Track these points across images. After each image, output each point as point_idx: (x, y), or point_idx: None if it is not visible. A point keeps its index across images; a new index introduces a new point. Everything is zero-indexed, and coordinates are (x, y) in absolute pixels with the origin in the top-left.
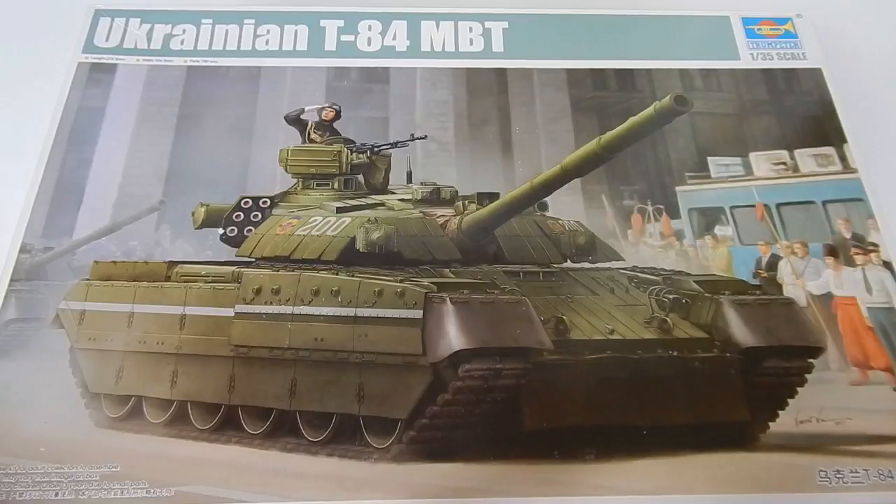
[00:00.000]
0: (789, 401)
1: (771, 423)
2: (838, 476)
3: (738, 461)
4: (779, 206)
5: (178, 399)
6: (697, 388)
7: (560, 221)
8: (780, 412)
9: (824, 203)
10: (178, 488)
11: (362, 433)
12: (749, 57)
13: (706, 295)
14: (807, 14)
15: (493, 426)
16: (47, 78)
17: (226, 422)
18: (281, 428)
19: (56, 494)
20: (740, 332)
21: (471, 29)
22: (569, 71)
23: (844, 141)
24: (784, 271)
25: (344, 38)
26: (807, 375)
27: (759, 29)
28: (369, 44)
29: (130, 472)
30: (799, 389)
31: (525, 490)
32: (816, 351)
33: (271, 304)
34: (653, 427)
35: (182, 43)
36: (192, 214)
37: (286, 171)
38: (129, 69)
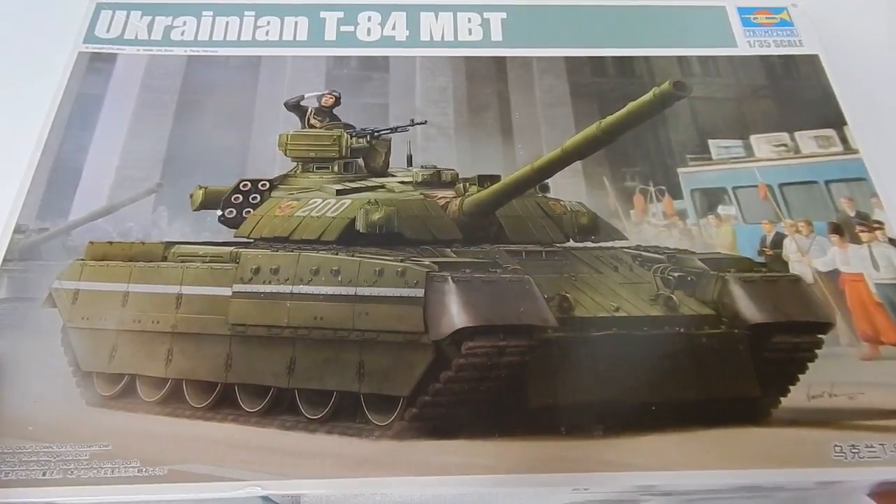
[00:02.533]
0: (800, 376)
1: (782, 399)
2: (853, 451)
3: (750, 436)
4: (781, 185)
5: (173, 377)
6: (706, 365)
7: (562, 202)
8: (791, 388)
9: (827, 183)
10: (171, 466)
11: (363, 410)
12: (746, 44)
13: (711, 272)
14: (801, 3)
15: (498, 403)
16: (48, 67)
17: (222, 400)
18: (279, 405)
19: (44, 474)
20: (747, 308)
21: (469, 19)
22: (567, 59)
23: (844, 123)
24: (789, 249)
25: (344, 28)
26: (817, 351)
27: (754, 18)
28: (369, 34)
29: (122, 451)
30: (809, 365)
31: (532, 466)
32: (825, 326)
33: (270, 283)
34: (662, 403)
35: (182, 34)
36: (191, 196)
37: (285, 154)
38: (130, 58)
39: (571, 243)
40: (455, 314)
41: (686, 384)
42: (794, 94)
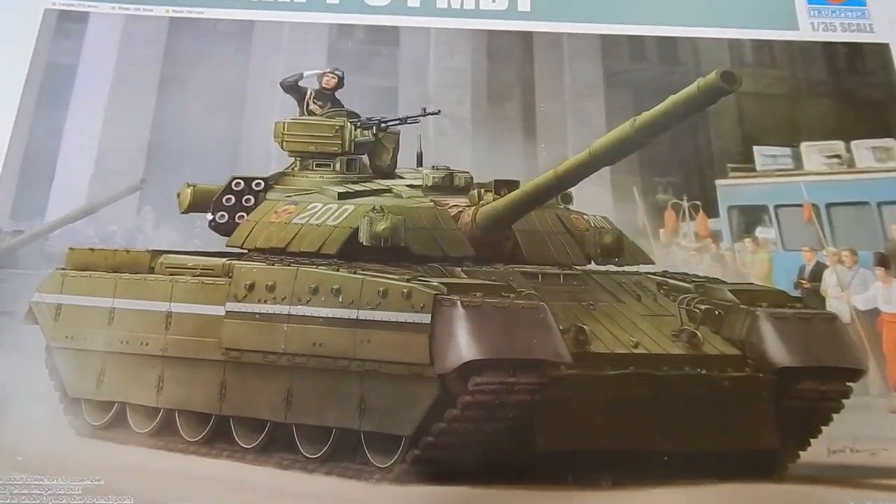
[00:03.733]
0: (822, 428)
1: (801, 452)
2: None
3: (765, 492)
4: (829, 206)
5: (165, 407)
6: (725, 412)
7: (585, 217)
8: (812, 440)
9: (879, 205)
10: None
11: (363, 450)
12: (809, 27)
13: (741, 307)
14: None
15: (504, 446)
16: (12, 28)
17: (216, 433)
18: (276, 442)
19: None
20: (776, 349)
21: None
22: (603, 37)
23: None
24: (829, 282)
25: None
26: (844, 400)
27: None
28: None
29: (115, 487)
30: (834, 416)
31: None
32: (856, 373)
33: (265, 302)
34: (675, 453)
35: None
36: (178, 196)
37: (282, 147)
38: (104, 18)
39: (592, 265)
40: (463, 345)
41: (703, 433)
42: (856, 93)
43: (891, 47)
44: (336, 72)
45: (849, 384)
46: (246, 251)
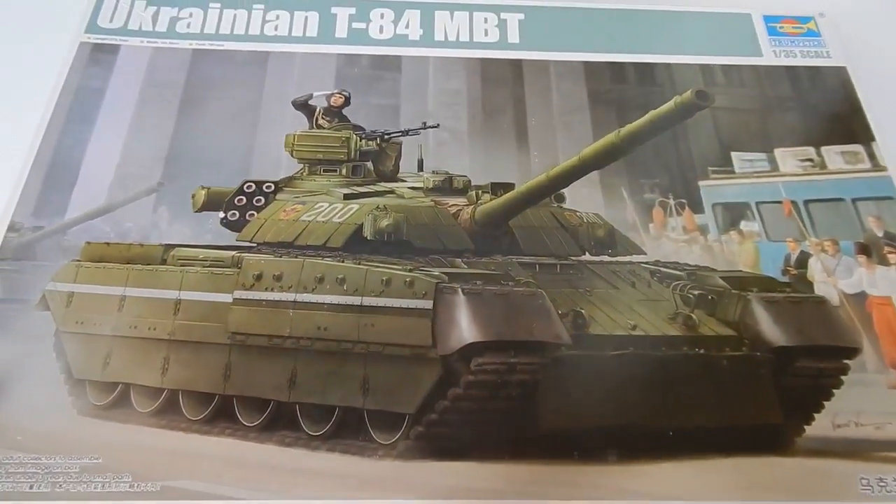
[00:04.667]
0: (825, 404)
1: (806, 427)
2: (881, 484)
3: (772, 466)
4: (807, 202)
5: (169, 387)
6: (726, 389)
7: (578, 213)
8: (816, 416)
9: (854, 200)
10: (164, 483)
11: (366, 428)
12: (772, 54)
13: (733, 291)
14: (829, 13)
15: (509, 423)
16: (48, 58)
17: (219, 412)
18: (278, 420)
19: (31, 487)
20: (770, 330)
21: (486, 20)
22: (586, 63)
23: (873, 139)
24: (815, 269)
25: (355, 25)
26: (842, 377)
27: (780, 27)
28: (381, 31)
29: (113, 465)
30: (835, 392)
31: (542, 492)
32: (852, 352)
33: (272, 290)
34: (679, 429)
35: (188, 26)
36: (192, 197)
37: (292, 156)
38: (133, 50)
39: (587, 256)
40: (465, 328)
41: (705, 409)
42: (821, 107)
43: (847, 69)
44: (343, 92)
45: (846, 361)
46: (255, 245)
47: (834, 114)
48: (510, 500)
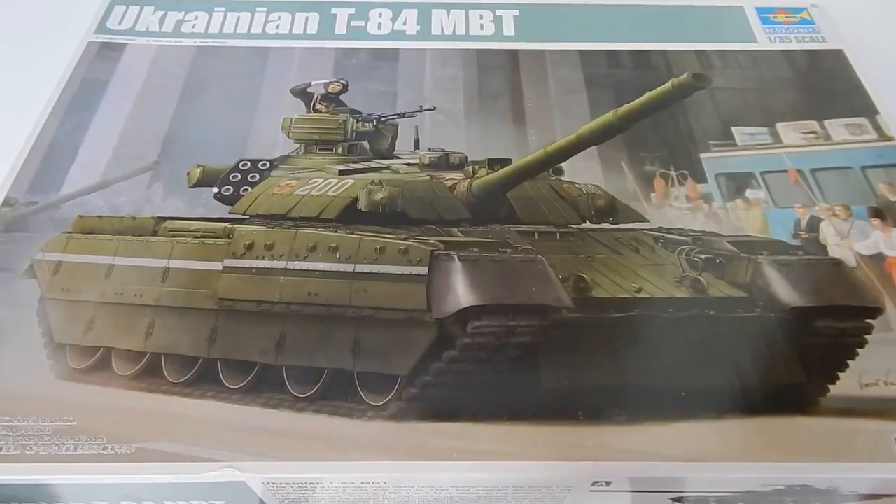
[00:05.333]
0: (850, 363)
1: (831, 387)
2: None
3: (798, 425)
4: (813, 171)
5: (152, 351)
6: (742, 349)
7: (577, 185)
8: (841, 375)
9: (863, 168)
10: (139, 444)
11: (356, 389)
12: (767, 40)
13: (742, 255)
14: (821, 3)
15: (508, 384)
16: (57, 54)
17: (202, 376)
18: (264, 383)
19: (1, 449)
20: (785, 292)
21: (481, 16)
22: (582, 52)
23: (877, 112)
24: (827, 232)
25: (354, 23)
26: (866, 337)
27: (774, 17)
28: (380, 28)
29: (88, 427)
30: (859, 351)
31: (544, 454)
32: (873, 311)
33: (263, 259)
34: (693, 390)
35: (193, 27)
36: (188, 174)
37: (289, 137)
38: (138, 48)
39: (588, 224)
40: (461, 293)
41: (719, 369)
42: (822, 84)
43: (845, 52)
44: (341, 80)
45: (868, 321)
46: (248, 217)
47: (834, 91)
48: (510, 461)
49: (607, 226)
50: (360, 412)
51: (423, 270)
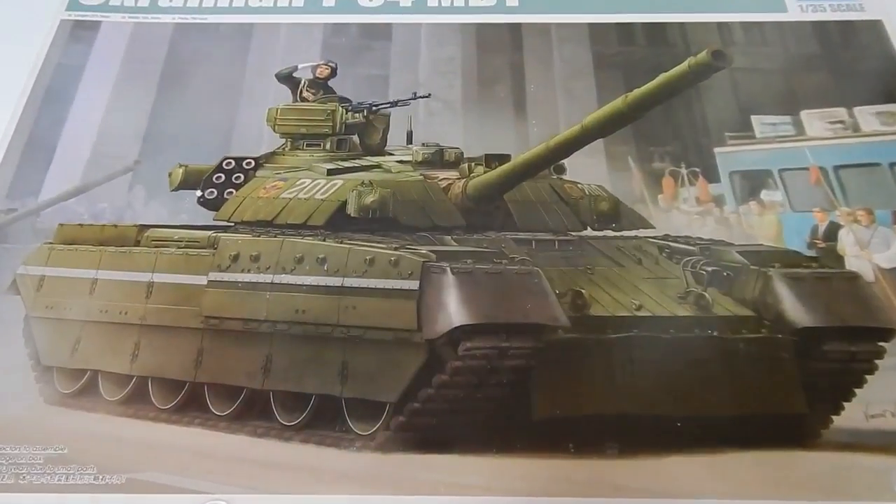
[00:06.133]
0: (856, 391)
1: (835, 418)
2: None
3: (796, 461)
4: (837, 168)
5: (138, 374)
6: (743, 375)
7: (580, 185)
8: (846, 405)
9: (892, 165)
10: (129, 475)
11: (344, 417)
12: (798, 8)
13: (752, 268)
14: None
15: (498, 413)
16: (27, 35)
17: (189, 401)
18: (251, 409)
19: None
20: (794, 310)
21: None
22: (591, 25)
23: None
24: (846, 241)
25: None
26: (877, 362)
27: None
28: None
29: (78, 456)
30: (868, 378)
31: (533, 489)
32: (887, 333)
33: (249, 271)
34: (689, 419)
35: (171, 0)
36: (169, 175)
37: (274, 130)
38: (114, 26)
39: (589, 231)
40: (453, 310)
41: (718, 397)
42: (854, 64)
43: (884, 23)
44: (330, 63)
45: (881, 344)
46: (233, 224)
47: (868, 71)
48: (498, 496)
49: (609, 233)
50: (347, 442)
51: (415, 285)
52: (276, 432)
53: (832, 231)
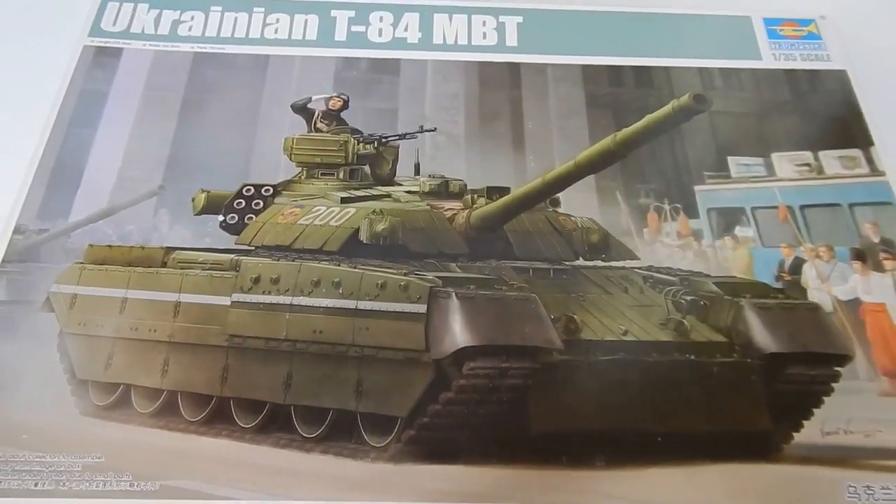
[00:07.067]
0: (814, 411)
1: (795, 434)
2: (868, 492)
3: (761, 472)
4: (803, 207)
5: (168, 389)
6: (716, 395)
7: (573, 218)
8: (805, 423)
9: (851, 206)
10: (162, 482)
11: (359, 430)
12: (771, 57)
13: (726, 297)
14: (830, 16)
15: (498, 428)
16: (52, 60)
17: (216, 414)
18: (274, 422)
19: (36, 484)
20: (762, 337)
21: (484, 23)
22: (584, 67)
23: (871, 143)
24: (809, 275)
25: (354, 28)
26: (833, 384)
27: (781, 29)
28: (380, 35)
29: (114, 464)
30: (825, 399)
31: (529, 497)
32: (843, 359)
33: (269, 293)
34: (668, 434)
35: (190, 29)
36: (192, 200)
37: (290, 159)
38: (135, 53)
39: (581, 261)
40: (458, 332)
41: (694, 414)
42: (820, 110)
43: (848, 73)
44: (342, 95)
45: (837, 369)
46: (253, 248)
47: (832, 117)
48: (494, 503)
49: (599, 263)
50: (363, 453)
51: (423, 308)
52: (297, 444)
53: (797, 265)
